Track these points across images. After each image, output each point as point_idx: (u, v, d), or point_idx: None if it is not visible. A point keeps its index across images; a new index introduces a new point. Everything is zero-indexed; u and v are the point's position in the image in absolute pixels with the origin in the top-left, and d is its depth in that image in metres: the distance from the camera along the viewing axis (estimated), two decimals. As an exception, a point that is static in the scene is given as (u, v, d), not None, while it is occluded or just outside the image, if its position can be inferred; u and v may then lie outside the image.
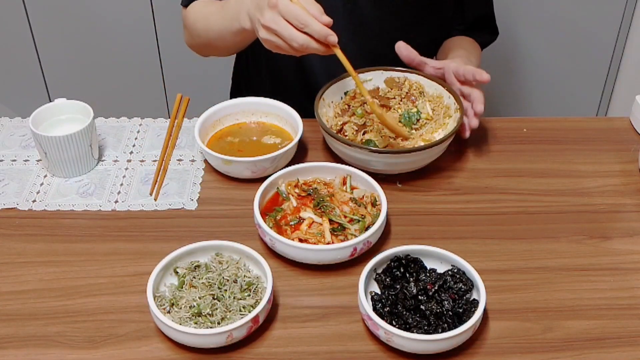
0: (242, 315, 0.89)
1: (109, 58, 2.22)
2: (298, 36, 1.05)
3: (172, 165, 1.19)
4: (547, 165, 1.21)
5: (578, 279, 1.00)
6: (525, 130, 1.29)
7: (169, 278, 0.95)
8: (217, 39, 1.27)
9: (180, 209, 1.10)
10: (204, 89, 1.84)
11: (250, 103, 1.24)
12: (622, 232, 1.08)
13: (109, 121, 1.29)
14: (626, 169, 1.20)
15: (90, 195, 1.12)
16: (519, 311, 0.95)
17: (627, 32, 2.19)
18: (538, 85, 2.31)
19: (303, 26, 1.04)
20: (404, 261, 0.95)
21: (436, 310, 0.89)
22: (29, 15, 2.14)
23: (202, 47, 1.36)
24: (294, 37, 1.05)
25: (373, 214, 1.04)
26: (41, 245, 1.04)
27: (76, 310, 0.94)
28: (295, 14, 1.04)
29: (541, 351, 0.90)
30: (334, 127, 1.20)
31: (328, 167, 1.11)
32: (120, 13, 2.13)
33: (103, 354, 0.88)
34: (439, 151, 1.14)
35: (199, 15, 1.29)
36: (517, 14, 2.14)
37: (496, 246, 1.05)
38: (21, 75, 2.26)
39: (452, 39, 1.44)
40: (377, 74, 1.25)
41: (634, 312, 0.95)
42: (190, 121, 1.28)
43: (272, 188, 1.08)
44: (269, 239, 0.99)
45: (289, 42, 1.05)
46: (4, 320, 0.93)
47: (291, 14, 1.04)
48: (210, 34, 1.27)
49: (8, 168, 1.17)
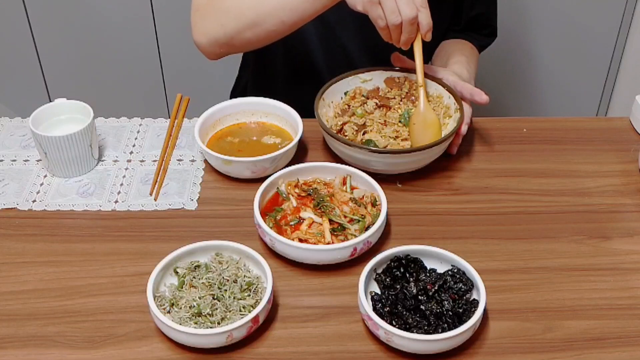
0: (242, 315, 0.89)
1: (109, 58, 2.22)
2: (413, 8, 1.06)
3: (172, 165, 1.19)
4: (547, 165, 1.21)
5: (578, 279, 1.00)
6: (525, 130, 1.29)
7: (169, 278, 0.95)
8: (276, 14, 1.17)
9: (180, 209, 1.10)
10: (204, 89, 1.84)
11: (250, 103, 1.24)
12: (622, 232, 1.08)
13: (109, 121, 1.29)
14: (626, 169, 1.20)
15: (90, 195, 1.12)
16: (519, 311, 0.95)
17: (627, 32, 2.19)
18: (538, 85, 2.31)
19: (420, 8, 1.07)
20: (404, 261, 0.95)
21: (436, 310, 0.89)
22: (29, 15, 2.14)
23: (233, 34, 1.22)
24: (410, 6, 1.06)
25: (373, 214, 1.04)
26: (41, 245, 1.04)
27: (76, 310, 0.94)
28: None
29: (541, 351, 0.90)
30: (334, 127, 1.20)
31: (328, 167, 1.11)
32: (120, 13, 2.13)
33: (103, 354, 0.88)
34: (438, 151, 1.14)
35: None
36: (517, 14, 2.14)
37: (496, 246, 1.05)
38: (21, 75, 2.26)
39: (449, 42, 1.43)
40: (377, 73, 1.25)
41: (634, 312, 0.95)
42: (190, 121, 1.28)
43: (272, 188, 1.08)
44: (269, 239, 0.99)
45: (401, 8, 1.06)
46: (4, 320, 0.93)
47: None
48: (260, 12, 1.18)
49: (8, 168, 1.17)
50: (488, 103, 1.17)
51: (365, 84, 1.25)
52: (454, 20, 1.43)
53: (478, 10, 1.44)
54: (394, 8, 1.07)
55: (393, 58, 1.24)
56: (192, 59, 2.16)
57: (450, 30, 1.44)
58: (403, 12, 1.07)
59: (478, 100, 1.17)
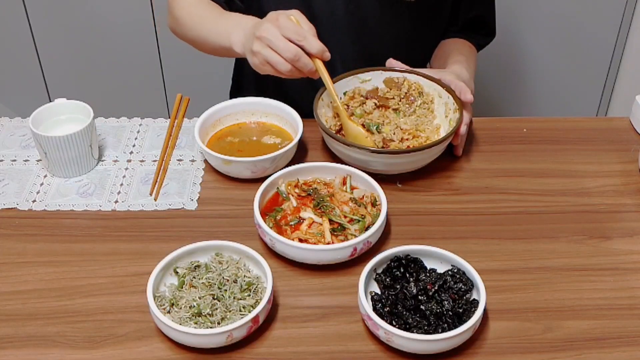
0: (242, 315, 0.89)
1: (109, 58, 2.22)
2: (292, 47, 1.08)
3: (172, 165, 1.19)
4: (547, 165, 1.21)
5: (578, 279, 1.00)
6: (525, 130, 1.29)
7: (169, 278, 0.95)
8: (202, 43, 1.28)
9: (180, 209, 1.10)
10: (204, 89, 1.84)
11: (250, 103, 1.24)
12: (622, 232, 1.08)
13: (109, 121, 1.29)
14: (626, 169, 1.20)
15: (90, 195, 1.12)
16: (519, 311, 0.95)
17: (627, 32, 2.19)
18: (538, 85, 2.31)
19: (301, 39, 1.08)
20: (404, 261, 0.95)
21: (436, 310, 0.89)
22: (29, 15, 2.14)
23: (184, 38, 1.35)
24: (287, 47, 1.08)
25: (373, 214, 1.04)
26: (41, 245, 1.04)
27: (76, 310, 0.94)
28: (295, 29, 1.09)
29: (541, 351, 0.90)
30: (333, 127, 1.20)
31: (328, 167, 1.11)
32: (120, 13, 2.13)
33: (103, 354, 0.88)
34: (438, 151, 1.14)
35: (187, 13, 1.29)
36: (517, 13, 2.14)
37: (496, 246, 1.05)
38: (21, 75, 2.26)
39: (448, 42, 1.44)
40: (376, 74, 1.25)
41: (634, 312, 0.95)
42: (190, 121, 1.28)
43: (272, 188, 1.08)
44: (269, 239, 0.99)
45: (282, 53, 1.08)
46: (4, 320, 0.93)
47: (290, 29, 1.09)
48: (196, 34, 1.28)
49: (8, 168, 1.17)
50: (471, 101, 1.18)
51: (364, 84, 1.25)
52: (451, 21, 1.43)
53: (476, 12, 1.44)
54: (276, 59, 1.09)
55: (389, 62, 1.25)
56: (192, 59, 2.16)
57: (448, 31, 1.45)
58: (287, 56, 1.09)
59: (462, 99, 1.18)
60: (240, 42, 1.17)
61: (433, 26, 1.41)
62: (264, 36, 1.09)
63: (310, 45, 1.09)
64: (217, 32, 1.23)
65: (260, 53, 1.10)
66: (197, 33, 1.27)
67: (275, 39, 1.08)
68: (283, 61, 1.09)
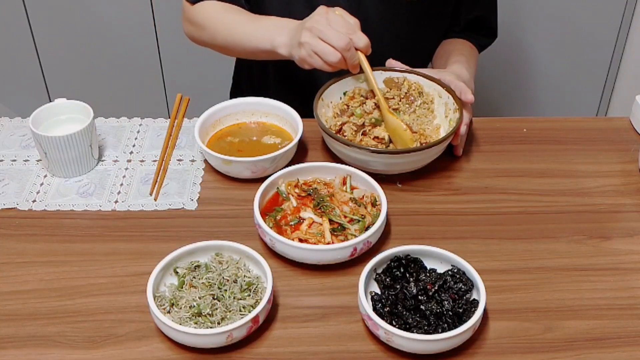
0: (242, 315, 0.89)
1: (109, 58, 2.22)
2: (344, 36, 1.11)
3: (172, 165, 1.19)
4: (547, 165, 1.21)
5: (578, 279, 1.00)
6: (525, 130, 1.29)
7: (169, 278, 0.95)
8: (234, 47, 1.28)
9: (180, 209, 1.10)
10: (204, 89, 1.84)
11: (250, 103, 1.24)
12: (622, 232, 1.08)
13: (109, 121, 1.29)
14: (626, 169, 1.20)
15: (90, 195, 1.12)
16: (519, 311, 0.95)
17: (627, 32, 2.19)
18: (538, 85, 2.31)
19: (350, 32, 1.11)
20: (404, 261, 0.95)
21: (436, 310, 0.89)
22: (29, 15, 2.14)
23: (207, 44, 1.35)
24: (340, 37, 1.10)
25: (373, 214, 1.04)
26: (41, 245, 1.04)
27: (76, 310, 0.94)
28: (344, 22, 1.12)
29: (541, 351, 0.90)
30: (333, 127, 1.20)
31: (328, 167, 1.11)
32: (120, 13, 2.13)
33: (103, 354, 0.88)
34: (438, 151, 1.14)
35: (214, 19, 1.29)
36: (517, 14, 2.14)
37: (496, 246, 1.05)
38: (21, 75, 2.26)
39: (450, 42, 1.44)
40: (376, 74, 1.25)
41: (634, 312, 0.95)
42: (190, 121, 1.28)
43: (272, 188, 1.08)
44: (269, 239, 0.99)
45: (334, 42, 1.10)
46: (4, 320, 0.93)
47: (339, 22, 1.12)
48: (227, 39, 1.28)
49: (8, 168, 1.17)
50: (472, 101, 1.18)
51: (364, 84, 1.25)
52: (453, 21, 1.43)
53: (477, 13, 1.44)
54: (327, 50, 1.11)
55: (389, 62, 1.25)
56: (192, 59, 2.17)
57: (449, 31, 1.45)
58: (339, 45, 1.11)
59: (463, 99, 1.18)
60: (285, 43, 1.19)
61: (434, 26, 1.41)
62: (315, 27, 1.11)
63: (358, 39, 1.12)
64: (255, 36, 1.23)
65: (309, 43, 1.12)
66: (229, 38, 1.27)
67: (326, 29, 1.11)
68: (333, 51, 1.11)
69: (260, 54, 1.26)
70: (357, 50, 1.14)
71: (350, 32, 1.12)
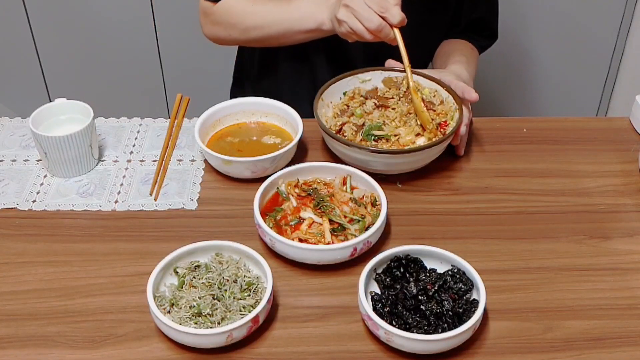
0: (242, 315, 0.89)
1: (109, 58, 2.22)
2: (375, 18, 1.13)
3: (172, 165, 1.19)
4: (547, 165, 1.21)
5: (578, 279, 1.00)
6: (525, 130, 1.29)
7: (169, 278, 0.95)
8: (276, 35, 1.30)
9: (180, 209, 1.10)
10: (204, 89, 1.84)
11: (250, 103, 1.24)
12: (622, 232, 1.08)
13: (109, 121, 1.29)
14: (626, 169, 1.20)
15: (90, 195, 1.12)
16: (519, 311, 0.95)
17: (627, 32, 2.19)
18: (538, 85, 2.31)
19: (383, 10, 1.13)
20: (404, 261, 0.95)
21: (436, 310, 0.89)
22: (29, 15, 2.14)
23: (239, 42, 1.38)
24: (371, 17, 1.13)
25: (373, 214, 1.04)
26: (41, 245, 1.04)
27: (76, 310, 0.94)
28: (378, 0, 1.14)
29: (541, 351, 0.90)
30: (333, 127, 1.20)
31: (328, 167, 1.11)
32: (120, 13, 2.13)
33: (103, 354, 0.88)
34: (438, 151, 1.14)
35: (243, 13, 1.31)
36: (518, 14, 2.14)
37: (496, 246, 1.05)
38: (21, 75, 2.26)
39: (450, 42, 1.44)
40: (375, 74, 1.25)
41: (634, 312, 0.95)
42: (190, 121, 1.28)
43: (272, 188, 1.08)
44: (269, 239, 0.99)
45: (366, 23, 1.13)
46: (4, 320, 0.93)
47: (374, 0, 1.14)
48: (267, 31, 1.30)
49: (8, 168, 1.17)
50: (477, 100, 1.18)
51: (364, 84, 1.25)
52: (454, 22, 1.43)
53: (478, 14, 1.44)
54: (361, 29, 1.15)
55: (388, 63, 1.25)
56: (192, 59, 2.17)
57: (450, 32, 1.45)
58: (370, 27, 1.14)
59: (468, 98, 1.18)
60: (327, 18, 1.23)
61: (435, 27, 1.41)
62: (350, 5, 1.14)
63: (392, 16, 1.13)
64: (296, 18, 1.27)
65: (346, 22, 1.15)
66: (267, 28, 1.30)
67: (360, 8, 1.13)
68: (366, 31, 1.14)
69: (302, 36, 1.29)
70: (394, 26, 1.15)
71: (384, 10, 1.13)
